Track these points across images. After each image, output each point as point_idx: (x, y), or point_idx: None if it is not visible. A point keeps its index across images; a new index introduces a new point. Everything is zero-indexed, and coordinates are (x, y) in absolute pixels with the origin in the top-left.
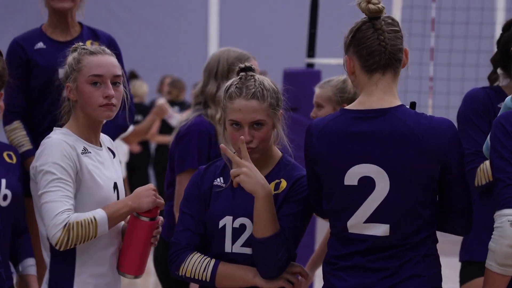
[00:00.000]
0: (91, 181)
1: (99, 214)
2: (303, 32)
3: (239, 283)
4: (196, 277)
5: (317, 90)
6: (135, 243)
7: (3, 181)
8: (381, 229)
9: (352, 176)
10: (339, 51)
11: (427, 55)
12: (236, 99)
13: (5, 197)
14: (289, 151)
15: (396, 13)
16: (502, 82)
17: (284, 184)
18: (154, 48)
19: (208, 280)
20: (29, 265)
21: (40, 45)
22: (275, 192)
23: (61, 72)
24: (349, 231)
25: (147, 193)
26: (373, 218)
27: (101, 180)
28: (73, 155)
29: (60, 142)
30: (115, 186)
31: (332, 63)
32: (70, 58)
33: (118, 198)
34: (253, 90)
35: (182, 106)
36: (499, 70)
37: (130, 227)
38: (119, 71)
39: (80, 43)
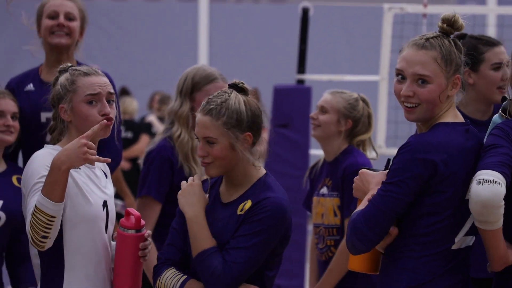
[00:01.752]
0: (79, 196)
1: (37, 199)
2: (294, 48)
3: None
4: None
5: (327, 95)
6: (124, 258)
7: (0, 202)
8: (472, 240)
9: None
10: (329, 67)
11: None
12: (198, 112)
13: None
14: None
15: (387, 29)
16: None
17: (248, 205)
18: (144, 64)
19: None
20: None
21: (30, 87)
22: (239, 213)
23: (44, 116)
24: (453, 247)
25: (77, 150)
26: (471, 231)
27: (90, 197)
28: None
29: (45, 154)
30: (105, 204)
31: (323, 79)
32: (62, 79)
33: (107, 217)
34: (212, 106)
35: None
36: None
37: (118, 243)
38: (112, 90)
39: (69, 64)
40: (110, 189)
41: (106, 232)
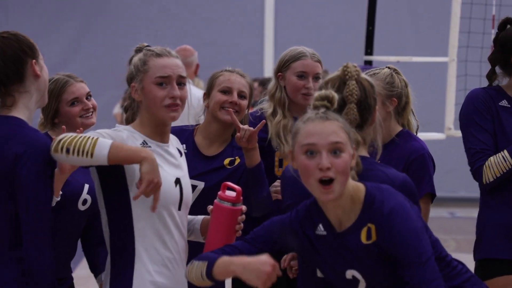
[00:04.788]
0: None
1: (105, 139)
2: (361, 29)
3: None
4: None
5: None
6: (219, 230)
7: (86, 186)
8: None
9: None
10: (395, 49)
11: (487, 52)
12: None
13: (84, 202)
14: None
15: (456, 10)
16: (501, 81)
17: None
18: (210, 45)
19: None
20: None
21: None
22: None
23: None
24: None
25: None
26: None
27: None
28: (119, 137)
29: (108, 130)
30: (178, 181)
31: (390, 60)
32: (135, 59)
33: (181, 195)
34: None
35: None
36: (497, 69)
37: (213, 214)
38: (184, 73)
39: (145, 43)
40: (185, 168)
41: (179, 210)
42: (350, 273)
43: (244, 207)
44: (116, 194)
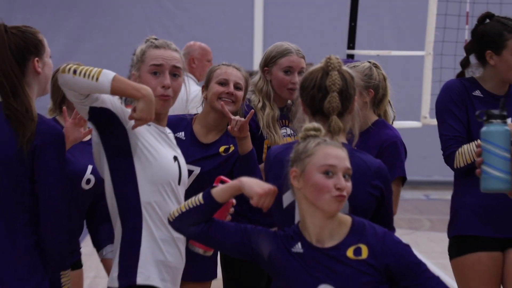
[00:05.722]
0: (150, 149)
1: (107, 72)
2: (344, 25)
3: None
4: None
5: None
6: None
7: (90, 167)
8: None
9: None
10: (376, 43)
11: (461, 47)
12: None
13: (88, 181)
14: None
15: (432, 7)
16: (475, 72)
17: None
18: (202, 42)
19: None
20: (110, 251)
21: (181, 135)
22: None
23: None
24: None
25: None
26: None
27: (160, 150)
28: (125, 111)
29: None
30: (176, 158)
31: (371, 54)
32: (137, 49)
33: (180, 171)
34: None
35: None
36: (472, 59)
37: None
38: (179, 64)
39: (153, 36)
40: (179, 151)
41: (179, 184)
42: None
43: (234, 201)
44: (120, 160)
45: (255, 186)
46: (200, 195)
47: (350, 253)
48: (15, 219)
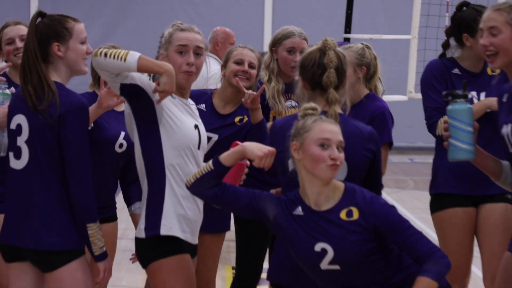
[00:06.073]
0: (173, 118)
1: (134, 53)
2: (342, 13)
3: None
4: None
5: None
6: (226, 178)
7: (122, 133)
8: None
9: None
10: (369, 28)
11: (442, 31)
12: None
13: (121, 145)
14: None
15: None
16: (455, 53)
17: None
18: (218, 26)
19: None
20: (138, 207)
21: (202, 107)
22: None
23: None
24: None
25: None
26: None
27: (181, 119)
28: (151, 84)
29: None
30: (196, 126)
31: (364, 37)
32: (165, 32)
33: (199, 137)
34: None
35: None
36: (452, 42)
37: None
38: (201, 44)
39: (178, 22)
40: (200, 120)
41: (198, 149)
42: (319, 246)
43: (248, 162)
44: (148, 127)
45: (255, 149)
46: (210, 162)
47: (343, 215)
48: (48, 177)
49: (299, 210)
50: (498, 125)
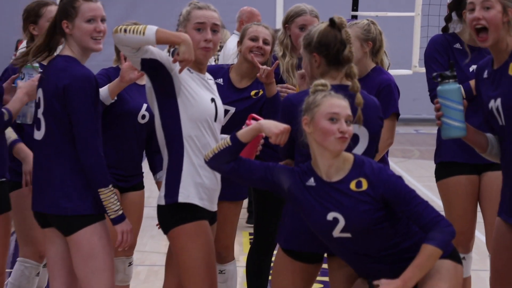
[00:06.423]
0: (191, 91)
1: (151, 27)
2: None
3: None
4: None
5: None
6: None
7: (144, 105)
8: None
9: None
10: (376, 6)
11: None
12: None
13: (143, 117)
14: None
15: None
16: (456, 28)
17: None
18: (230, 5)
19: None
20: (161, 176)
21: (219, 81)
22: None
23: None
24: None
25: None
26: None
27: (198, 92)
28: (169, 59)
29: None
30: (213, 100)
31: (371, 15)
32: (183, 11)
33: (216, 110)
34: None
35: None
36: (454, 16)
37: None
38: (217, 22)
39: (195, 0)
40: (217, 94)
41: (215, 121)
42: (331, 215)
43: (263, 134)
44: (167, 101)
45: (272, 127)
46: (228, 138)
47: (353, 185)
48: (61, 146)
49: (311, 181)
50: (484, 101)
